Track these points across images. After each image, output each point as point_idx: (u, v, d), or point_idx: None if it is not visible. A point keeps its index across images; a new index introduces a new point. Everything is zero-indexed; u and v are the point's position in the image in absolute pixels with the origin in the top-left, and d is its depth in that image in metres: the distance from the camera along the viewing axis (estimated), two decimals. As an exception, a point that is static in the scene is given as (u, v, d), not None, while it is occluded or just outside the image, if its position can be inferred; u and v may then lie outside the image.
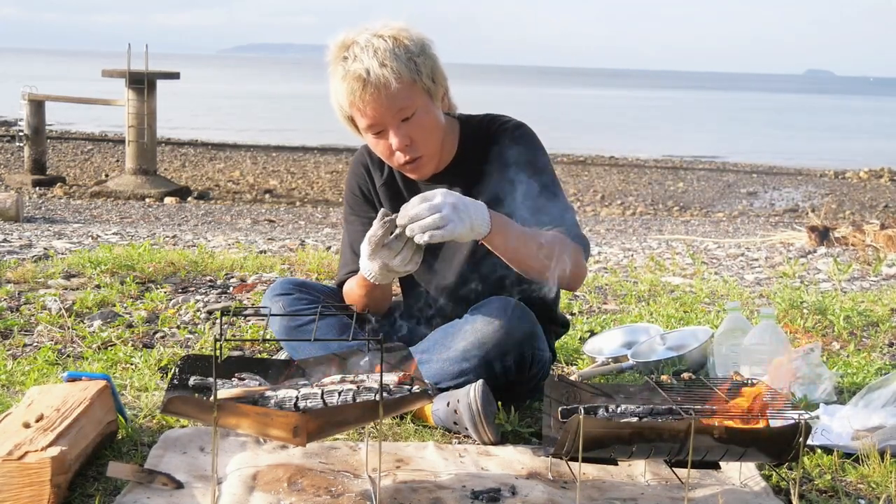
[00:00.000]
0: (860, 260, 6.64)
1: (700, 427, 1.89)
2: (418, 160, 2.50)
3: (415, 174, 2.57)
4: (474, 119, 2.64)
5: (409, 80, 2.40)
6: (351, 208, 2.74)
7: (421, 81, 2.43)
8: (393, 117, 2.42)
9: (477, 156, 2.57)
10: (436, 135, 2.51)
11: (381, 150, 2.52)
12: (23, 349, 3.21)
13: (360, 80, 2.37)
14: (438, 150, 2.55)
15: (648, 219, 13.53)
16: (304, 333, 2.66)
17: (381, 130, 2.45)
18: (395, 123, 2.43)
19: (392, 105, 2.40)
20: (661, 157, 24.11)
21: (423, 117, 2.46)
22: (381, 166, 2.69)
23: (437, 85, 2.48)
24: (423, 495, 2.03)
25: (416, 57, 2.41)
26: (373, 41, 2.38)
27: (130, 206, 13.30)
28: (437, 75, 2.48)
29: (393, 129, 2.43)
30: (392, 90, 2.37)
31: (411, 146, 2.46)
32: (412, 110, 2.43)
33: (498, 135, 2.58)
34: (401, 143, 2.44)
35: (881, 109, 63.23)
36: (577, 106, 52.31)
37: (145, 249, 4.83)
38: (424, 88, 2.44)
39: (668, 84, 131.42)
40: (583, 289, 4.63)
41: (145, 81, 15.02)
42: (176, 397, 1.90)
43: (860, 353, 3.35)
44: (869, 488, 2.18)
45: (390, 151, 2.49)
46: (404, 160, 2.49)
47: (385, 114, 2.41)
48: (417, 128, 2.45)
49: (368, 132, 2.47)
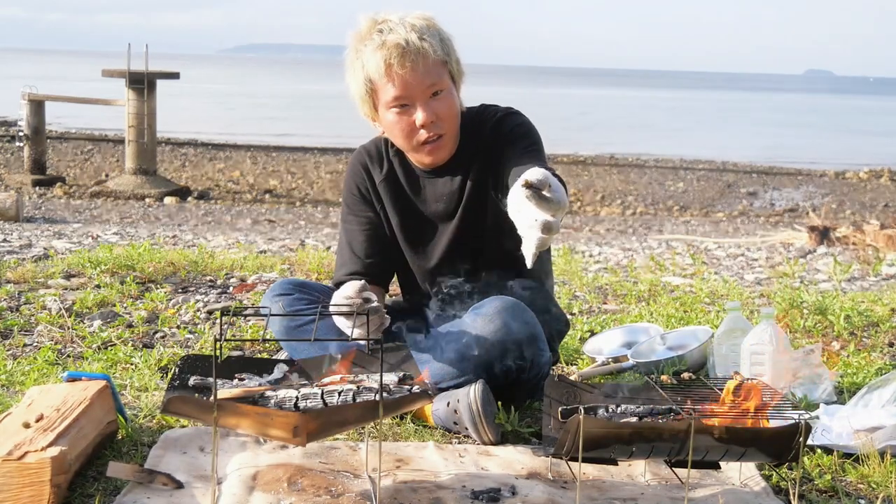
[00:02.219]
0: (860, 260, 6.64)
1: (700, 427, 1.89)
2: (440, 139, 2.52)
3: (432, 156, 2.56)
4: (470, 111, 2.65)
5: (443, 58, 2.47)
6: (349, 208, 2.74)
7: (451, 64, 2.50)
8: (423, 91, 2.45)
9: (473, 146, 2.59)
10: (457, 119, 2.55)
11: (401, 128, 2.51)
12: (23, 349, 3.21)
13: (399, 49, 2.40)
14: (457, 134, 2.57)
15: (648, 219, 13.53)
16: (303, 333, 2.66)
17: (407, 105, 2.46)
18: (424, 98, 2.45)
19: (426, 77, 2.43)
20: (661, 157, 24.10)
21: (449, 98, 2.50)
22: (380, 163, 2.69)
23: (459, 73, 2.54)
24: (423, 495, 2.03)
25: (446, 41, 2.49)
26: (407, 19, 2.45)
27: (130, 206, 13.29)
28: (460, 66, 2.55)
29: (421, 104, 2.46)
30: (429, 62, 2.43)
31: (436, 123, 2.48)
32: (442, 87, 2.47)
33: (489, 120, 2.60)
34: (427, 117, 2.46)
35: (881, 109, 63.22)
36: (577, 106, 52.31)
37: (145, 249, 4.82)
38: (452, 73, 2.50)
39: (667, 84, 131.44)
40: (583, 289, 4.63)
41: (145, 81, 15.00)
42: (176, 397, 1.90)
43: (860, 353, 3.35)
44: (869, 488, 2.18)
45: (411, 128, 2.49)
46: (427, 136, 2.49)
47: (418, 85, 2.44)
48: (444, 106, 2.48)
49: (393, 105, 2.47)
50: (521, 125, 2.59)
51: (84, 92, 19.05)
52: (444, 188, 2.63)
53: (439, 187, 2.63)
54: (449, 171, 2.60)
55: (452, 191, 2.61)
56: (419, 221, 2.68)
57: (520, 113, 2.63)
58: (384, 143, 2.69)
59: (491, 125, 2.59)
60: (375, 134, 2.69)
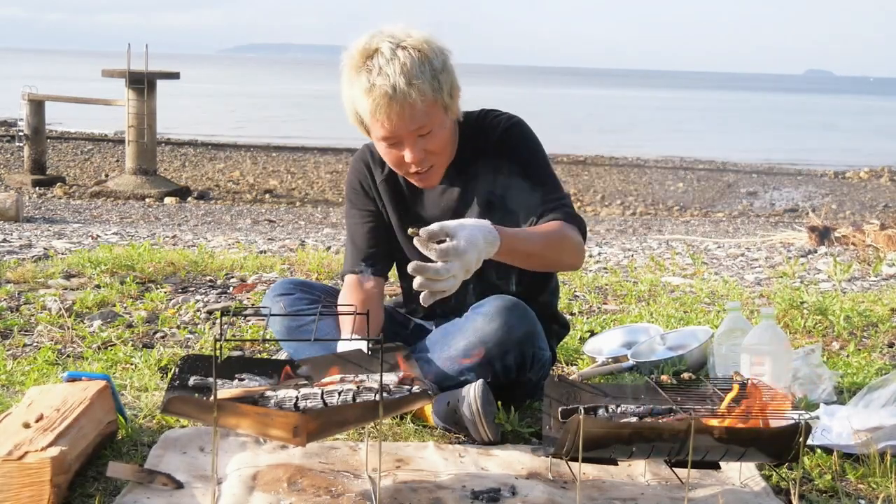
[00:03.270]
0: (860, 260, 6.64)
1: (700, 427, 1.89)
2: (428, 171, 2.52)
3: (423, 183, 2.57)
4: (470, 116, 2.63)
5: (432, 98, 2.39)
6: (351, 202, 2.74)
7: (441, 99, 2.43)
8: (411, 133, 2.42)
9: (474, 154, 2.57)
10: (448, 148, 2.53)
11: (391, 159, 2.51)
12: (23, 349, 3.21)
13: (386, 97, 2.34)
14: (448, 161, 2.56)
15: (648, 219, 13.54)
16: (304, 333, 2.66)
17: (396, 142, 2.46)
18: (411, 139, 2.43)
19: (413, 122, 2.40)
20: (661, 157, 24.10)
21: (439, 132, 2.47)
22: (382, 164, 2.69)
23: (453, 100, 2.48)
24: (423, 495, 2.03)
25: (439, 74, 2.40)
26: (398, 53, 2.36)
27: (130, 206, 13.30)
28: (454, 90, 2.48)
29: (409, 144, 2.44)
30: (417, 109, 2.37)
31: (425, 159, 2.48)
32: (430, 127, 2.44)
33: (492, 130, 2.58)
34: (415, 157, 2.45)
35: (881, 109, 63.22)
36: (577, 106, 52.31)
37: (145, 249, 4.83)
38: (443, 105, 2.44)
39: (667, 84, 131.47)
40: (583, 289, 4.63)
41: (145, 81, 15.03)
42: (176, 397, 1.90)
43: (860, 353, 3.34)
44: (869, 488, 2.18)
45: (401, 161, 2.49)
46: (416, 169, 2.50)
47: (405, 129, 2.41)
48: (433, 142, 2.46)
49: (383, 142, 2.47)
50: (525, 139, 2.57)
51: (84, 92, 19.06)
52: (442, 197, 2.62)
53: (437, 196, 2.63)
54: (447, 180, 2.59)
55: (451, 200, 2.61)
56: (420, 225, 2.67)
57: (523, 123, 2.60)
58: None
59: (495, 137, 2.56)
60: None
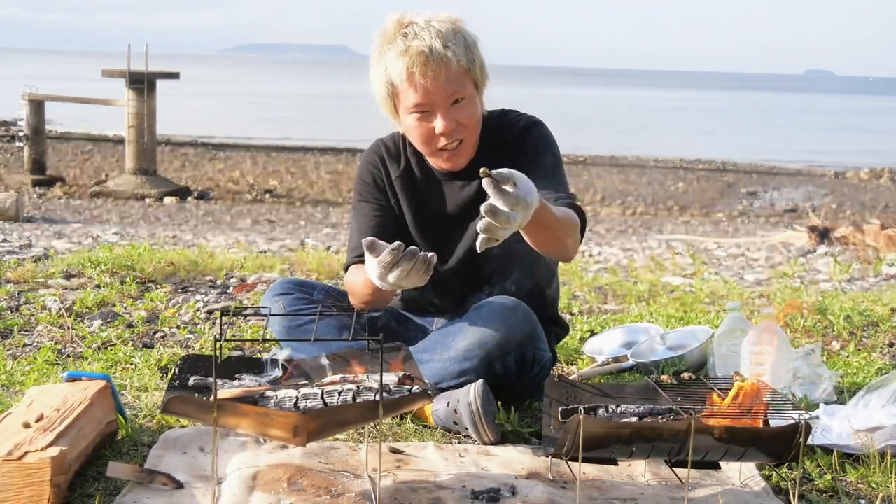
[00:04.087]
0: (860, 260, 6.64)
1: (700, 427, 1.89)
2: (459, 147, 2.50)
3: (451, 162, 2.54)
4: (491, 114, 2.63)
5: (466, 66, 2.44)
6: (360, 195, 2.70)
7: (474, 71, 2.47)
8: (445, 99, 2.43)
9: (493, 150, 2.56)
10: (477, 126, 2.53)
11: (420, 133, 2.49)
12: (23, 349, 3.21)
13: (423, 56, 2.38)
14: (476, 141, 2.55)
15: (648, 219, 13.53)
16: (304, 333, 2.66)
17: (427, 111, 2.45)
18: (444, 106, 2.44)
19: (448, 86, 2.41)
20: (661, 157, 24.10)
21: (471, 105, 2.48)
22: (397, 159, 2.67)
23: (483, 79, 2.51)
24: (423, 495, 2.03)
25: (472, 48, 2.46)
26: (433, 23, 2.42)
27: (130, 206, 13.29)
28: (484, 71, 2.52)
29: (441, 112, 2.44)
30: (452, 71, 2.40)
31: (456, 130, 2.46)
32: (463, 95, 2.45)
33: (512, 127, 2.59)
34: (447, 126, 2.44)
35: (881, 109, 63.21)
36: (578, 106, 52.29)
37: (145, 249, 4.82)
38: (475, 79, 2.48)
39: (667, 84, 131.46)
40: (583, 289, 4.63)
41: (145, 81, 15.01)
42: (176, 397, 1.90)
43: (860, 353, 3.34)
44: (869, 488, 2.18)
45: (430, 135, 2.47)
46: (446, 143, 2.48)
47: (439, 94, 2.42)
48: (465, 114, 2.46)
49: (414, 111, 2.46)
50: (544, 139, 2.57)
51: (84, 92, 19.04)
52: (461, 193, 2.62)
53: (456, 191, 2.62)
54: (467, 176, 2.58)
55: (469, 195, 2.60)
56: (434, 222, 2.67)
57: (543, 124, 2.61)
58: (402, 139, 2.67)
59: (515, 135, 2.57)
60: (391, 129, 2.68)
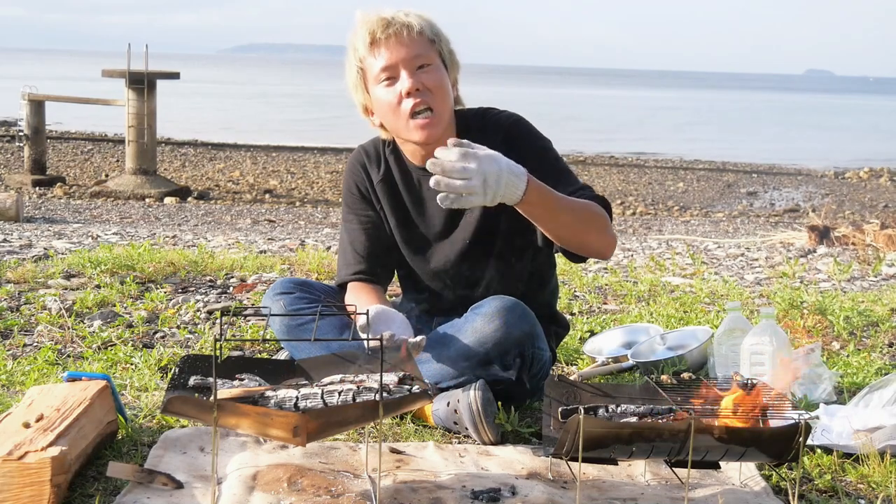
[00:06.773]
0: (860, 260, 6.64)
1: (700, 427, 1.89)
2: (430, 113, 2.47)
3: (424, 132, 2.48)
4: (469, 112, 2.62)
5: (430, 37, 2.48)
6: (349, 207, 2.73)
7: (439, 45, 2.51)
8: (408, 62, 2.45)
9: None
10: (447, 98, 2.51)
11: (388, 101, 2.49)
12: (23, 349, 3.21)
13: (384, 21, 2.46)
14: (449, 116, 2.53)
15: (648, 219, 13.53)
16: (304, 333, 2.65)
17: (394, 78, 2.47)
18: (410, 68, 2.46)
19: (411, 48, 2.45)
20: (661, 157, 24.10)
21: (437, 73, 2.49)
22: (378, 163, 2.68)
23: (452, 61, 2.54)
24: (423, 495, 2.03)
25: (439, 31, 2.52)
26: (401, 9, 2.50)
27: (130, 206, 13.29)
28: (454, 56, 2.55)
29: (407, 72, 2.45)
30: (413, 34, 2.45)
31: (422, 91, 2.46)
32: (429, 62, 2.48)
33: (497, 126, 2.57)
34: (413, 84, 2.45)
35: (881, 109, 63.21)
36: (578, 105, 52.30)
37: (145, 249, 4.82)
38: (441, 54, 2.51)
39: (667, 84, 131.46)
40: (583, 289, 4.63)
41: (145, 81, 15.01)
42: (176, 397, 1.90)
43: (860, 353, 3.34)
44: (869, 488, 2.18)
45: (399, 99, 2.47)
46: (413, 104, 2.45)
47: (403, 55, 2.45)
48: (431, 78, 2.47)
49: (381, 78, 2.47)
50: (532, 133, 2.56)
51: (84, 92, 19.06)
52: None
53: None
54: None
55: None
56: (416, 223, 2.66)
57: (524, 119, 2.60)
58: (382, 143, 2.68)
59: (503, 133, 2.54)
60: (375, 135, 2.69)
